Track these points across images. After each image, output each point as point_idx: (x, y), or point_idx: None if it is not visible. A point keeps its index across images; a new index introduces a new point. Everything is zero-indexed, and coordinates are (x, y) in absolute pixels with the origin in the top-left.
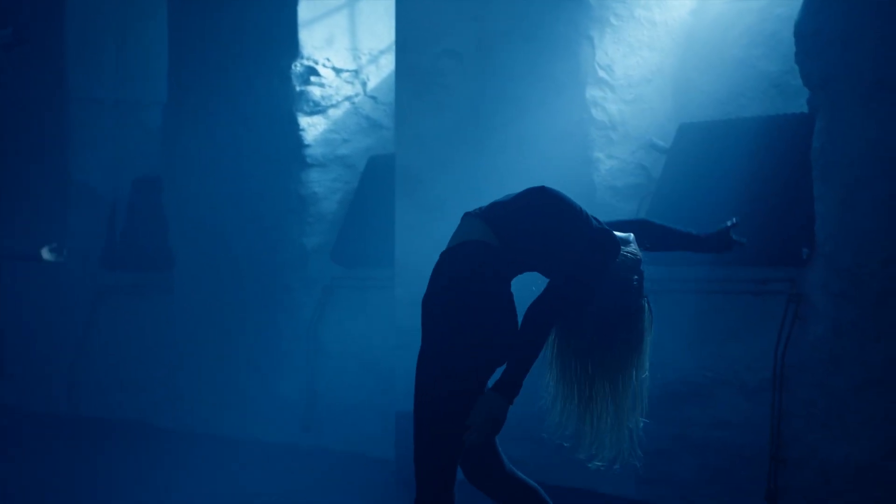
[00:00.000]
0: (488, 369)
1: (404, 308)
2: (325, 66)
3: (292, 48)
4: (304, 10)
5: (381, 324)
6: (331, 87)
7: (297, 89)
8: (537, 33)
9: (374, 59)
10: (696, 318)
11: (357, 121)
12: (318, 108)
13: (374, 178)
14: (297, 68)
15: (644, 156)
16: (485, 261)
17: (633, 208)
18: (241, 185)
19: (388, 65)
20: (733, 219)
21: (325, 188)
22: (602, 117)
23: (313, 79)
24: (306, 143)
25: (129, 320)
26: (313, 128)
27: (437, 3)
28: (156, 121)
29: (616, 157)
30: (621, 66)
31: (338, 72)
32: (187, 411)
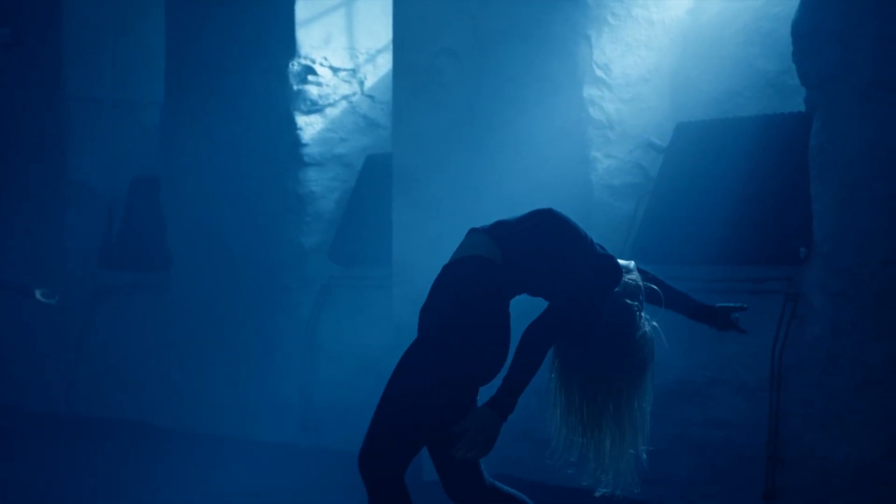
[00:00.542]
0: (474, 384)
1: (402, 306)
2: (322, 65)
3: (289, 47)
4: (302, 10)
5: (380, 322)
6: (328, 86)
7: (295, 88)
8: (534, 32)
9: (371, 59)
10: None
11: (354, 120)
12: (315, 107)
13: (372, 177)
14: (295, 67)
15: (641, 155)
16: (486, 277)
17: (630, 207)
18: (238, 184)
19: (385, 64)
20: (744, 305)
21: (323, 187)
22: (599, 116)
23: (311, 78)
24: (304, 142)
25: (127, 320)
26: (311, 127)
27: (435, 3)
28: (153, 120)
29: (613, 156)
30: (619, 65)
31: (335, 71)
32: (185, 411)
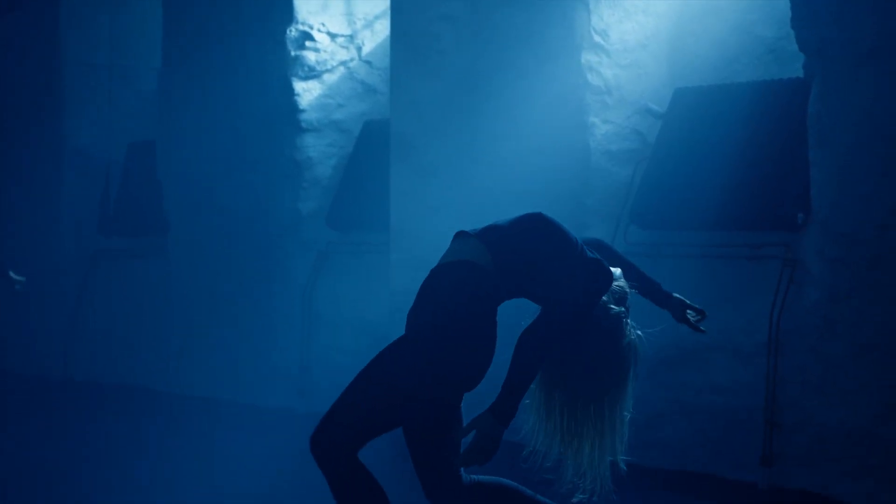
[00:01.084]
0: (458, 389)
1: (399, 272)
2: (320, 30)
3: (287, 13)
4: None
5: (376, 288)
6: (326, 51)
7: (292, 54)
8: None
9: (369, 24)
10: (691, 282)
11: (352, 86)
12: (312, 73)
13: (369, 143)
14: (292, 33)
15: (639, 121)
16: (476, 283)
17: (628, 173)
18: (235, 149)
19: (383, 30)
20: (702, 316)
21: (320, 153)
22: (597, 82)
23: (308, 44)
24: (301, 107)
25: (123, 285)
26: (308, 93)
27: None
28: (151, 86)
29: (611, 121)
30: (617, 30)
31: (333, 37)
32: (182, 376)
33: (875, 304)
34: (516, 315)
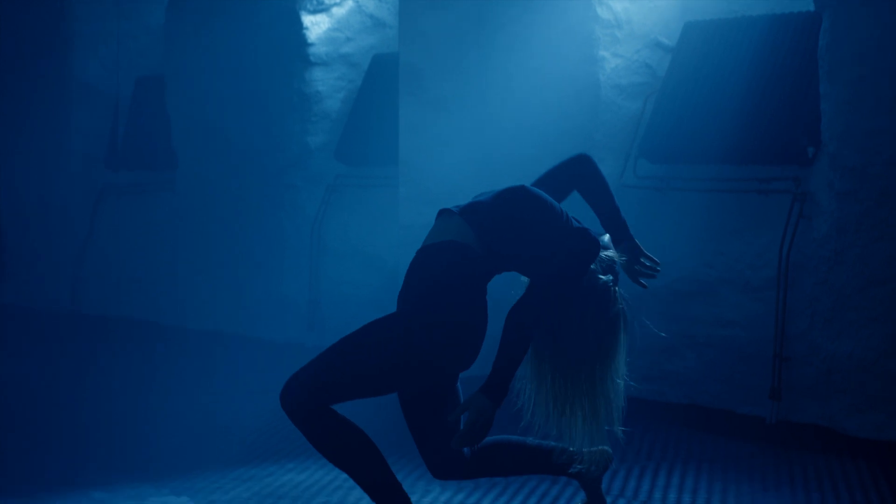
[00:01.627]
0: (451, 369)
1: (407, 205)
2: None
3: None
4: None
5: (385, 221)
6: None
7: None
8: None
9: None
10: (700, 216)
11: (361, 19)
12: (321, 6)
13: (378, 77)
14: None
15: (649, 54)
16: (463, 262)
17: (638, 107)
18: (244, 83)
19: None
20: (654, 270)
21: (329, 87)
22: (607, 16)
23: None
24: (310, 41)
25: (131, 219)
26: (317, 26)
27: None
28: (159, 19)
29: (621, 55)
30: None
31: None
32: (191, 310)
33: (883, 238)
34: (504, 289)
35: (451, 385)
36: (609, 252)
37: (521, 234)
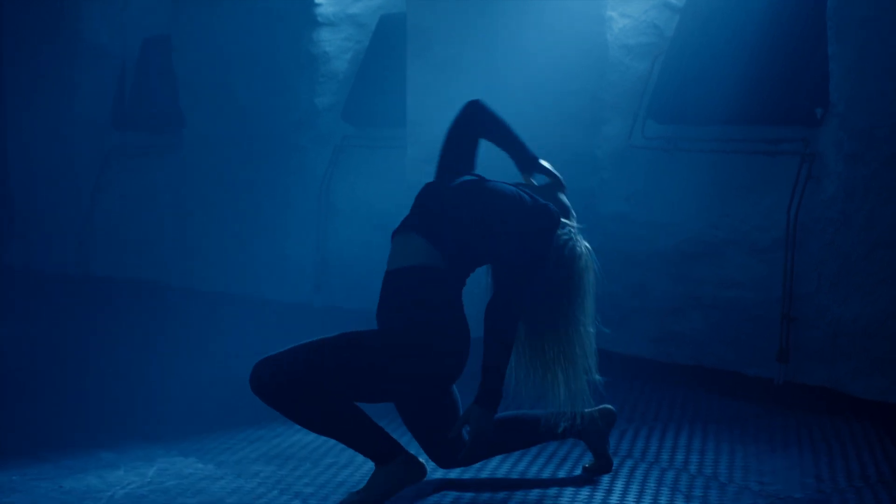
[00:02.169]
0: (441, 382)
1: (415, 166)
2: None
3: None
4: None
5: (392, 183)
6: None
7: None
8: None
9: None
10: (708, 176)
11: None
12: None
13: (386, 38)
14: None
15: (657, 14)
16: (432, 286)
17: (645, 67)
18: (251, 44)
19: None
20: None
21: (336, 47)
22: None
23: None
24: (317, 1)
25: (139, 181)
26: None
27: None
28: None
29: (629, 15)
30: None
31: None
32: (198, 271)
33: (890, 200)
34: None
35: (442, 394)
36: (563, 199)
37: (485, 231)
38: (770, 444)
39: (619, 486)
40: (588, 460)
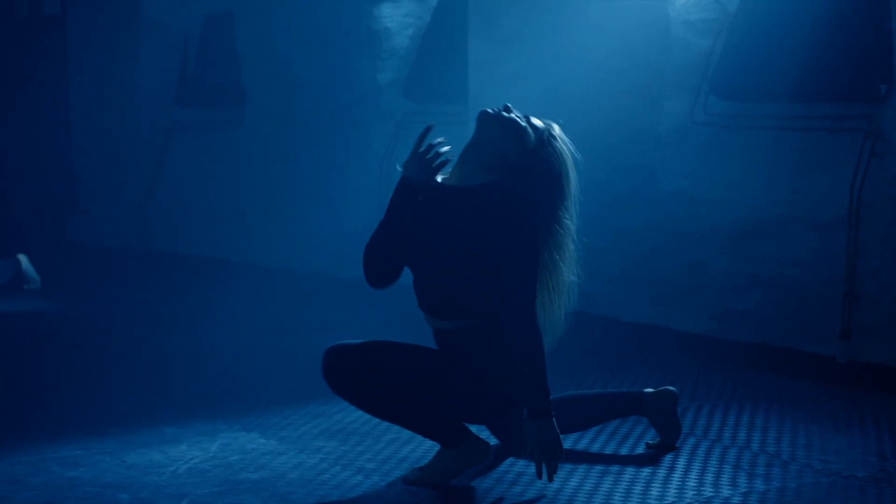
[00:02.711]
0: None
1: None
2: None
3: None
4: None
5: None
6: None
7: None
8: None
9: None
10: (769, 154)
11: None
12: None
13: (447, 13)
14: None
15: None
16: (477, 345)
17: (708, 43)
18: (313, 20)
19: None
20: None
21: (397, 23)
22: None
23: None
24: None
25: (200, 157)
26: None
27: None
28: None
29: None
30: None
31: None
32: (258, 247)
33: None
34: None
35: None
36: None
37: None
38: (832, 422)
39: (681, 463)
40: (651, 437)
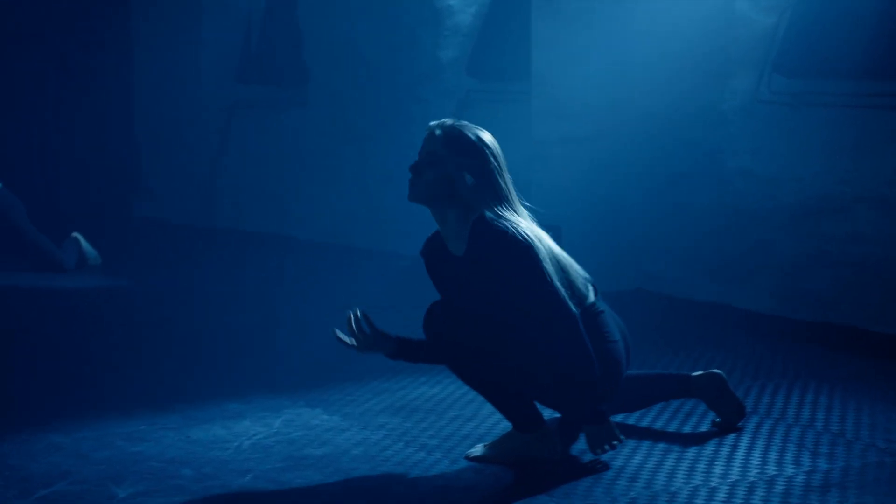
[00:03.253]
0: None
1: (540, 120)
2: None
3: None
4: None
5: (517, 136)
6: None
7: None
8: None
9: None
10: (835, 132)
11: None
12: None
13: None
14: None
15: None
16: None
17: (772, 21)
18: None
19: None
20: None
21: (461, 1)
22: None
23: None
24: None
25: (263, 134)
26: None
27: None
28: None
29: None
30: None
31: None
32: (322, 224)
33: None
34: None
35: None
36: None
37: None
38: None
39: (744, 441)
40: (713, 418)
